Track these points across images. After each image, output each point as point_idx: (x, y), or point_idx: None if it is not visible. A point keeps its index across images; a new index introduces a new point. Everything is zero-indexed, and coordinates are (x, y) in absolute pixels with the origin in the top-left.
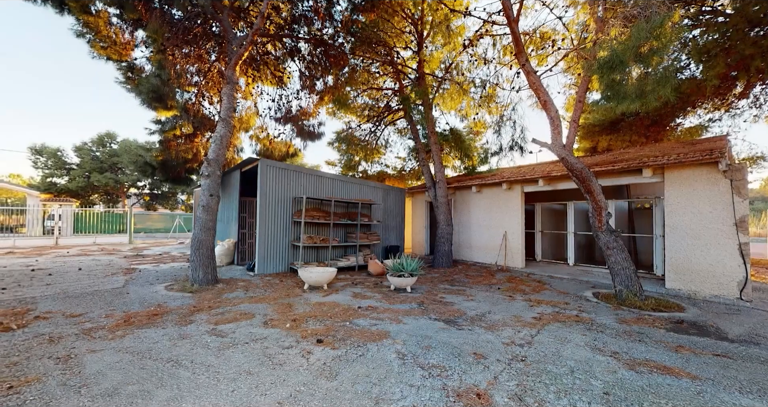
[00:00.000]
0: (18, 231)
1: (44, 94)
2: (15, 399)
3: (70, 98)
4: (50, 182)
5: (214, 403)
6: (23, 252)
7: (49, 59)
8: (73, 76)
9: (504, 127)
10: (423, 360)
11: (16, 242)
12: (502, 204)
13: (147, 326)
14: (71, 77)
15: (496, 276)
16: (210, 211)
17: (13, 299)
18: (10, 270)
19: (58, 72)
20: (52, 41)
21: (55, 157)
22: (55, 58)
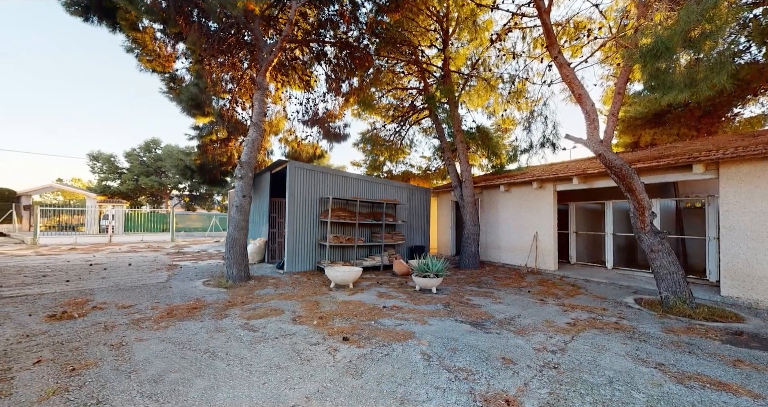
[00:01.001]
0: (79, 229)
1: (102, 104)
2: (77, 380)
3: (123, 107)
4: (105, 185)
5: (247, 394)
6: (83, 249)
7: (106, 72)
8: (124, 87)
9: (534, 123)
10: (449, 362)
11: (78, 239)
12: (532, 204)
13: (187, 318)
14: (123, 88)
15: (526, 278)
16: (243, 211)
17: (75, 290)
18: (73, 265)
19: (115, 84)
20: (107, 58)
21: (109, 163)
22: (110, 72)
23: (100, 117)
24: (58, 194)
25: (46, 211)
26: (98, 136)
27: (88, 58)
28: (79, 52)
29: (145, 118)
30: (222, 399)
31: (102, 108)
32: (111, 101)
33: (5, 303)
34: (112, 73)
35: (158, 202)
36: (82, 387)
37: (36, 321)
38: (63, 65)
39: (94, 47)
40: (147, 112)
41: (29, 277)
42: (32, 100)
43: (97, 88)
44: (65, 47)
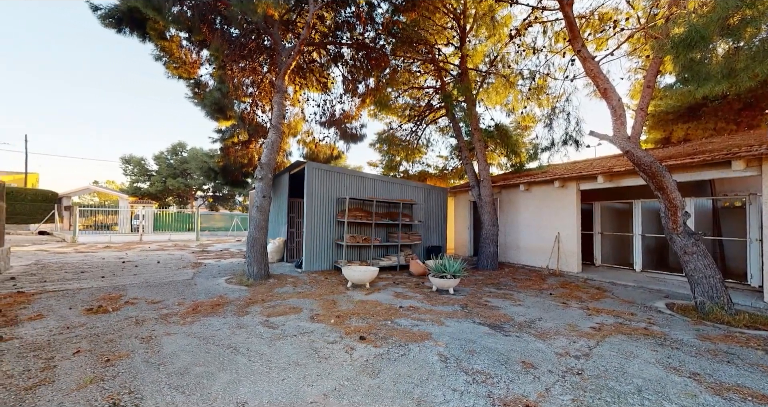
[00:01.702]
0: (113, 228)
1: (133, 109)
2: (111, 371)
3: (152, 112)
4: (136, 187)
5: (267, 389)
6: (116, 247)
7: (137, 80)
8: (152, 93)
9: (556, 119)
10: (467, 364)
11: (112, 238)
12: (554, 204)
13: (211, 315)
14: (152, 94)
15: (548, 280)
16: (263, 211)
17: (110, 286)
18: (108, 262)
19: (145, 90)
20: (136, 67)
21: (140, 165)
22: (141, 79)
23: (131, 122)
24: (95, 195)
25: (83, 212)
26: (130, 140)
27: (120, 67)
28: (111, 61)
29: (172, 122)
30: (243, 393)
31: (133, 113)
32: (141, 107)
33: (49, 297)
34: (142, 81)
35: (184, 203)
36: (115, 377)
37: (75, 314)
38: (95, 73)
39: (124, 57)
40: (174, 117)
41: (69, 273)
42: (72, 107)
43: (128, 94)
44: (96, 57)
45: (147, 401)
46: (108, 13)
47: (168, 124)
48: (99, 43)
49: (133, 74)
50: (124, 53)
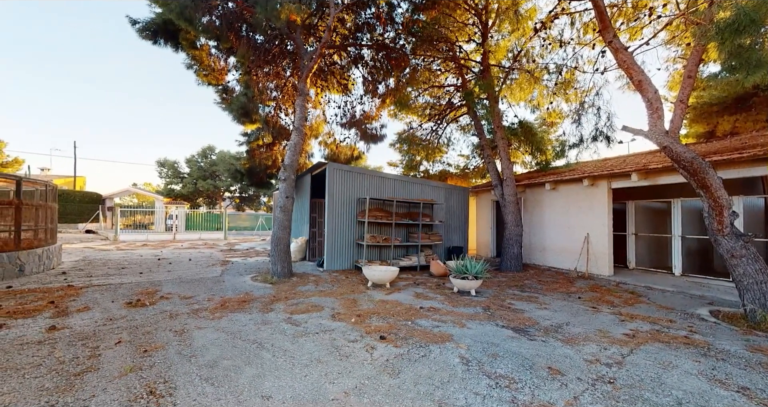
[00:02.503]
0: (149, 227)
1: (167, 115)
2: (148, 361)
3: (185, 118)
4: (169, 188)
5: (291, 385)
6: (153, 245)
7: (171, 87)
8: (185, 100)
9: (585, 115)
10: (489, 368)
11: (148, 236)
12: (582, 203)
13: (238, 311)
14: (183, 101)
15: (576, 283)
16: (286, 212)
17: (147, 281)
18: (145, 259)
19: (177, 98)
20: (169, 77)
21: (173, 168)
22: (174, 86)
23: (166, 127)
24: (134, 197)
25: (124, 212)
26: (165, 144)
27: (155, 76)
28: (147, 72)
29: (202, 127)
30: (268, 387)
31: (167, 119)
32: (174, 113)
33: (94, 291)
34: (175, 88)
35: (213, 204)
36: (152, 367)
37: (117, 307)
38: (133, 82)
39: (158, 67)
40: (204, 122)
41: (112, 269)
42: (114, 114)
43: (163, 101)
44: (133, 68)
45: (180, 390)
46: (145, 26)
47: (198, 128)
48: (137, 55)
49: (166, 83)
50: (159, 64)
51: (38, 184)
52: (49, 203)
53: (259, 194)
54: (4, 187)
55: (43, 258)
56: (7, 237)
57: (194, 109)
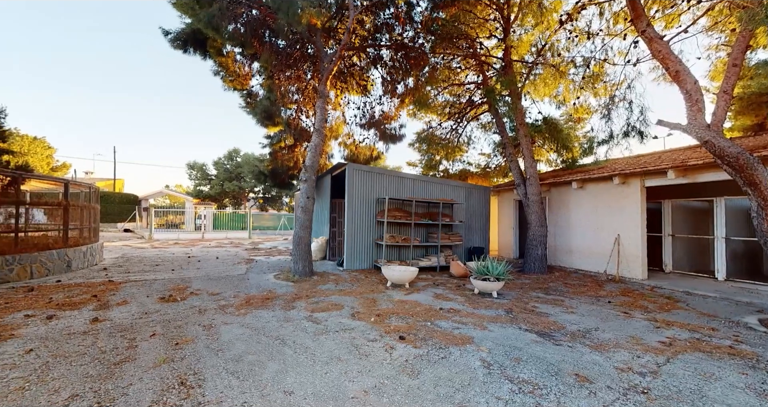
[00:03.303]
0: (180, 227)
1: (196, 120)
2: (179, 353)
3: (212, 122)
4: (198, 190)
5: (311, 381)
6: (183, 243)
7: (200, 93)
8: (212, 106)
9: (615, 109)
10: (512, 372)
11: (179, 235)
12: (613, 202)
13: (261, 307)
14: (211, 106)
15: (605, 287)
16: (307, 212)
17: (178, 278)
18: (176, 256)
19: (205, 104)
20: (197, 84)
21: (202, 170)
22: (202, 92)
23: (195, 131)
24: (166, 198)
25: (157, 212)
26: (195, 147)
27: (184, 84)
28: (176, 79)
29: (228, 130)
30: (290, 383)
31: (196, 123)
32: (203, 117)
33: (132, 286)
34: (203, 94)
35: (238, 204)
36: (183, 359)
37: (151, 301)
38: (164, 90)
39: (188, 75)
40: (229, 126)
41: (147, 266)
42: (148, 120)
43: (192, 107)
44: (164, 76)
45: (208, 383)
46: (176, 36)
47: (225, 131)
48: (169, 64)
49: (195, 89)
50: (189, 72)
51: (83, 186)
52: (92, 204)
53: (281, 195)
54: (53, 190)
55: (87, 255)
56: (57, 236)
57: (221, 114)
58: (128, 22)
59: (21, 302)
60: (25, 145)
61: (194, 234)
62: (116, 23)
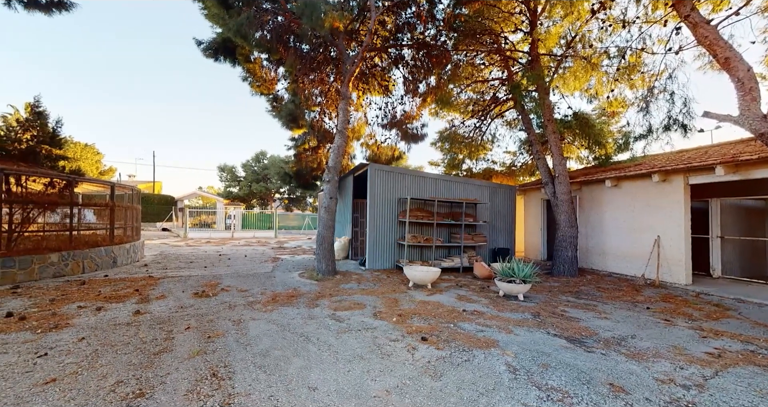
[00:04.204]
0: (212, 226)
1: (227, 124)
2: (211, 346)
3: (242, 126)
4: (228, 191)
5: (334, 378)
6: (215, 242)
7: (230, 99)
8: (240, 110)
9: (655, 101)
10: (539, 379)
11: (211, 234)
12: (652, 201)
13: (286, 305)
14: (239, 111)
15: (643, 292)
16: (330, 212)
17: (210, 275)
18: (208, 254)
19: (234, 109)
20: (228, 88)
21: (231, 172)
22: (232, 98)
23: (226, 135)
24: (199, 199)
25: (192, 212)
26: (226, 150)
27: (215, 90)
28: (207, 86)
29: (256, 133)
30: (314, 379)
31: (227, 127)
32: (233, 122)
33: (169, 281)
34: (233, 100)
35: (265, 205)
36: (215, 352)
37: (186, 296)
38: (196, 96)
39: (218, 82)
40: (257, 129)
41: (182, 263)
42: (184, 125)
43: (222, 112)
44: (195, 83)
45: (238, 375)
46: (208, 45)
47: (252, 135)
48: (201, 73)
49: (225, 96)
50: (220, 80)
51: (126, 188)
52: (134, 205)
53: (305, 195)
54: (101, 192)
55: (130, 252)
56: (105, 234)
57: (249, 118)
58: (165, 34)
59: (75, 294)
60: (77, 151)
61: (224, 234)
62: (155, 36)
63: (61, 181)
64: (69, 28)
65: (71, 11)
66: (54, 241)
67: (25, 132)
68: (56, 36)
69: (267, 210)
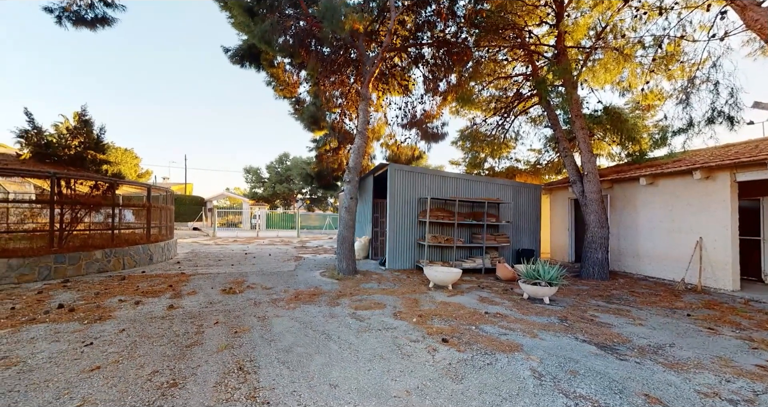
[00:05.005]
0: (238, 226)
1: (251, 127)
2: (238, 340)
3: (265, 129)
4: (254, 192)
5: (355, 377)
6: (241, 241)
7: (255, 104)
8: (264, 114)
9: (696, 92)
10: (567, 386)
11: (238, 234)
12: (693, 200)
13: (308, 303)
14: (263, 115)
15: (684, 297)
16: (350, 212)
17: (237, 272)
18: (235, 253)
19: (259, 113)
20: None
21: (256, 174)
22: (258, 102)
23: (251, 138)
24: (227, 200)
25: (220, 212)
26: (251, 152)
27: (242, 96)
28: (234, 92)
29: (279, 136)
30: (335, 376)
31: (251, 131)
32: (257, 125)
33: (199, 278)
34: (258, 105)
35: (287, 205)
36: (241, 347)
37: (215, 292)
38: (223, 101)
39: (244, 89)
40: (280, 132)
41: (211, 260)
42: (213, 129)
43: (248, 116)
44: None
45: (262, 370)
46: (234, 52)
47: (276, 137)
48: (227, 79)
49: (251, 99)
50: (245, 85)
51: (161, 190)
52: (168, 205)
53: (326, 196)
54: (139, 193)
55: (164, 249)
56: (142, 233)
57: (272, 121)
58: (194, 43)
59: (116, 288)
60: (118, 155)
61: (250, 233)
62: (185, 45)
63: (104, 183)
64: (109, 41)
65: (112, 26)
66: (98, 239)
67: (73, 139)
68: (97, 48)
69: (290, 210)
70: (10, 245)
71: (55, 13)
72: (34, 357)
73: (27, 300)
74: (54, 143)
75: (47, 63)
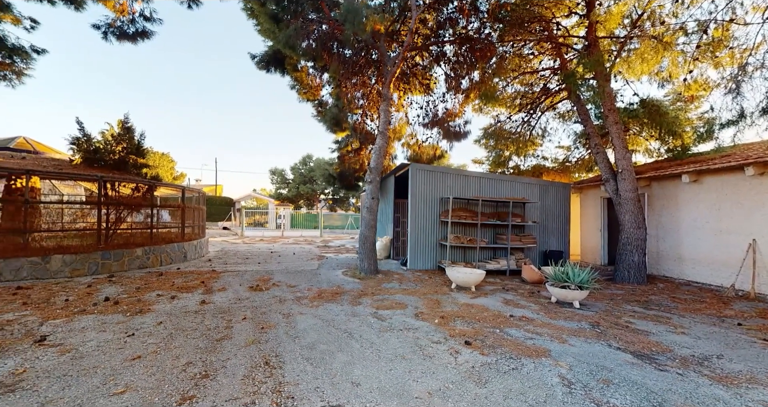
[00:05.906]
0: (264, 225)
1: (277, 130)
2: (264, 336)
3: (290, 131)
4: (279, 193)
5: (376, 376)
6: (267, 240)
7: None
8: (288, 117)
9: (748, 80)
10: (599, 395)
11: (264, 233)
12: (744, 198)
13: (331, 301)
14: (287, 118)
15: (733, 305)
16: (372, 212)
17: (263, 270)
18: (261, 251)
19: (283, 116)
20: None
21: (281, 175)
22: (282, 106)
23: (276, 140)
24: (254, 200)
25: (247, 213)
26: (277, 154)
27: (268, 101)
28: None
29: (303, 137)
30: (357, 375)
31: (277, 133)
32: (282, 128)
33: (228, 275)
34: (283, 108)
35: (311, 205)
36: (267, 342)
37: (243, 289)
38: (250, 106)
39: (270, 94)
40: (304, 134)
41: (239, 259)
42: (242, 133)
43: (273, 119)
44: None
45: (287, 365)
46: (261, 58)
47: (300, 139)
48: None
49: (277, 103)
50: (270, 90)
51: (194, 191)
52: (200, 206)
53: (348, 196)
54: (174, 195)
55: (197, 248)
56: (177, 232)
57: (296, 124)
58: (223, 50)
59: (154, 284)
60: (156, 159)
61: (275, 232)
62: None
63: (144, 185)
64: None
65: (151, 38)
66: (138, 238)
67: (117, 144)
68: (137, 59)
69: (313, 210)
70: (64, 242)
71: (102, 30)
72: (84, 345)
73: (78, 293)
74: (101, 149)
75: (92, 72)
